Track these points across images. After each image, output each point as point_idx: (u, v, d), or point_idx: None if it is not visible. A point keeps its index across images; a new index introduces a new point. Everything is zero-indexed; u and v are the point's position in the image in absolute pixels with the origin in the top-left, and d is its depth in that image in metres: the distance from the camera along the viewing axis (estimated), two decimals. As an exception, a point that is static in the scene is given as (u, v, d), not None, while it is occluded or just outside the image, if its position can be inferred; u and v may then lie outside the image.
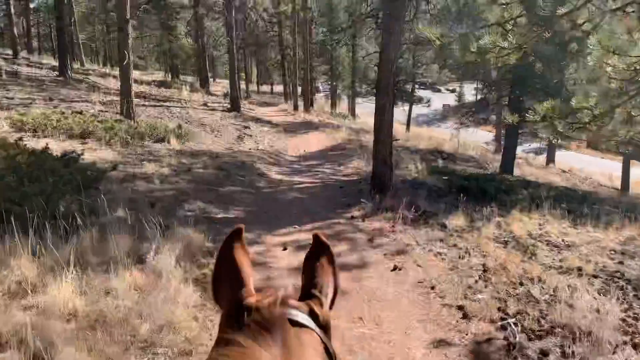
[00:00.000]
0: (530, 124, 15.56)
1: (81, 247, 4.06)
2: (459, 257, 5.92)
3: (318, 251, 0.82)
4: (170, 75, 35.85)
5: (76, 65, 27.87)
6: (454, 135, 26.34)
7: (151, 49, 43.38)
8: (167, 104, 17.18)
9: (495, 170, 15.93)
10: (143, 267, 3.93)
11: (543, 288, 5.17)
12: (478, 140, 46.47)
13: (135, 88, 22.26)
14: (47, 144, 6.77)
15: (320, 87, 61.90)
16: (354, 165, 12.17)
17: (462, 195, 9.62)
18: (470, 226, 7.57)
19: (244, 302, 0.71)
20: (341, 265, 5.37)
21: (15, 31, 22.20)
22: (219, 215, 6.34)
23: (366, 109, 46.72)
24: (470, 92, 75.63)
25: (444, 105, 63.78)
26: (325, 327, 0.74)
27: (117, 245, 4.17)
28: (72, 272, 3.53)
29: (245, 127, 15.62)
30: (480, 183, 11.68)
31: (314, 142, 16.10)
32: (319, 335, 0.71)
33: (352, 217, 7.13)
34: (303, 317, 0.70)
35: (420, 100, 38.48)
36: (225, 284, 0.76)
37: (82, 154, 7.17)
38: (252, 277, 0.77)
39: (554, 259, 6.51)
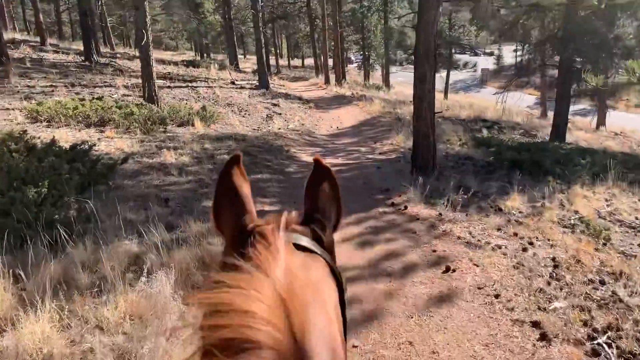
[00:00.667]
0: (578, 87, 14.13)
1: (71, 263, 3.41)
2: (522, 250, 5.01)
3: (319, 176, 0.80)
4: (199, 55, 35.32)
5: (105, 50, 27.75)
6: (499, 102, 24.77)
7: (180, 29, 42.76)
8: (194, 84, 16.57)
9: (545, 137, 14.59)
10: (144, 288, 3.24)
11: (630, 286, 4.25)
12: (520, 105, 44.14)
13: (162, 69, 21.86)
14: (54, 137, 6.20)
15: (353, 58, 60.29)
16: (392, 142, 11.23)
17: (514, 170, 8.64)
18: (530, 208, 6.61)
19: (247, 227, 0.70)
20: (379, 269, 4.57)
21: (42, 18, 21.97)
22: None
23: (400, 79, 45.01)
24: (509, 54, 72.05)
25: (482, 69, 60.93)
26: (329, 250, 0.75)
27: (115, 258, 3.51)
28: (53, 301, 2.88)
29: (275, 105, 14.84)
30: (533, 154, 10.53)
31: (347, 117, 15.17)
32: (324, 259, 0.71)
33: (393, 205, 6.27)
34: (307, 241, 0.70)
35: (465, 65, 36.43)
36: (226, 211, 0.75)
37: (94, 145, 6.59)
38: (252, 204, 0.76)
39: (631, 245, 5.53)
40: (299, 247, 0.68)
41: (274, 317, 0.54)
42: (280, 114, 13.92)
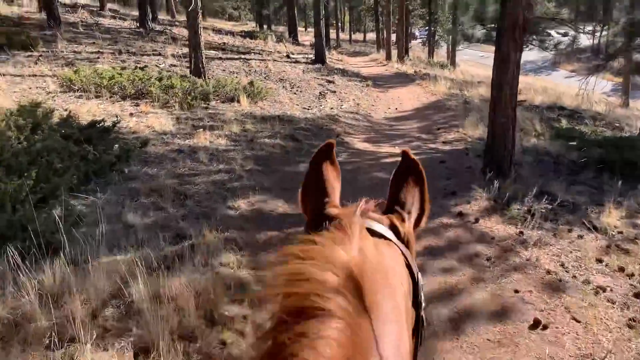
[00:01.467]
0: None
1: (39, 289, 2.59)
2: (634, 295, 3.76)
3: (407, 168, 0.80)
4: (258, 26, 34.52)
5: (164, 17, 27.51)
6: (580, 88, 22.31)
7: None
8: (247, 56, 15.73)
9: (632, 132, 12.62)
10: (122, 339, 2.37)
11: None
12: (599, 91, 40.42)
13: (218, 39, 21.20)
14: (69, 111, 5.47)
15: (417, 34, 57.65)
16: (458, 130, 9.87)
17: (603, 172, 7.20)
18: (632, 226, 5.26)
19: (325, 210, 0.73)
20: (441, 315, 3.32)
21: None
22: (278, 211, 4.68)
23: (466, 57, 42.25)
24: (583, 35, 66.34)
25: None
26: (406, 243, 0.73)
27: (90, 288, 2.66)
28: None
29: (329, 82, 13.72)
30: (624, 151, 8.90)
31: (408, 98, 13.82)
32: (399, 248, 0.70)
33: (460, 215, 5.10)
34: (382, 228, 0.70)
35: (556, 45, 33.62)
36: (311, 195, 0.78)
37: (118, 122, 5.82)
38: (337, 191, 0.78)
39: None
40: (374, 234, 0.68)
41: (345, 288, 0.55)
42: (334, 91, 12.80)
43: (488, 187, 5.69)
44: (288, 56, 16.61)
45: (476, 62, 51.14)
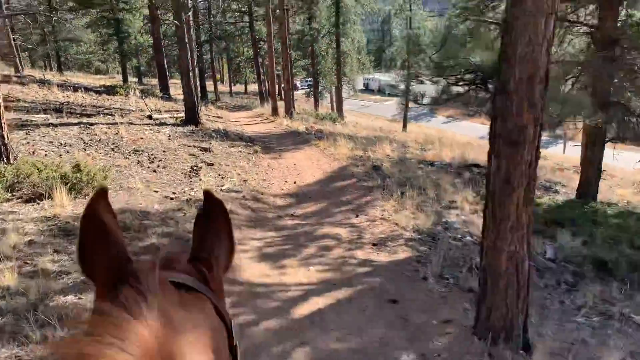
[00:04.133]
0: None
1: None
2: None
3: (210, 209, 0.73)
4: (123, 79, 30.31)
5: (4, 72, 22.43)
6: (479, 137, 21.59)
7: (111, 50, 37.24)
8: (93, 119, 11.98)
9: (567, 193, 11.21)
10: None
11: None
12: (468, 135, 42.14)
13: (62, 97, 17.03)
14: None
15: (298, 84, 57.11)
16: (383, 214, 7.27)
17: (607, 279, 5.01)
18: None
19: (119, 267, 0.62)
20: None
21: None
22: None
23: (348, 106, 41.83)
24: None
25: (432, 98, 59.57)
26: (216, 290, 0.68)
27: None
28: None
29: (205, 150, 10.51)
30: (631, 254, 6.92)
31: (307, 165, 11.12)
32: (208, 297, 0.64)
33: None
34: (187, 279, 0.63)
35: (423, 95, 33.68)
36: (94, 253, 0.65)
37: None
38: (125, 244, 0.66)
39: None
40: (179, 286, 0.61)
41: None
42: (211, 164, 9.62)
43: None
44: (150, 117, 13.12)
45: (358, 112, 51.69)
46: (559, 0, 2.72)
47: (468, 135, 38.51)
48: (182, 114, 13.91)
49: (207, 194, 0.73)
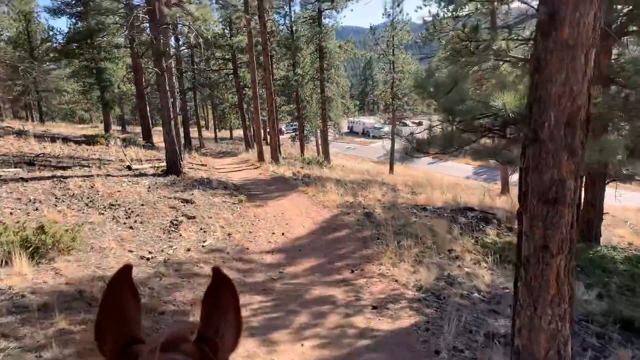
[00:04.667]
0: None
1: None
2: None
3: (218, 286, 0.72)
4: (104, 128, 29.81)
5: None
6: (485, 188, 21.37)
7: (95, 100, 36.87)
8: (68, 172, 11.35)
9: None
10: None
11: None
12: (471, 178, 42.12)
13: (39, 148, 16.41)
14: None
15: (284, 129, 57.27)
16: (380, 269, 6.67)
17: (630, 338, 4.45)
18: None
19: (128, 348, 0.65)
20: None
21: None
22: None
23: (334, 149, 41.70)
24: (437, 122, 72.83)
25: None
26: None
27: None
28: None
29: (186, 202, 9.90)
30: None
31: (295, 214, 10.54)
32: None
33: None
34: None
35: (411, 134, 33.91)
36: (109, 330, 0.67)
37: None
38: (140, 322, 0.69)
39: None
40: None
41: None
42: (193, 217, 8.99)
43: None
44: (129, 167, 12.53)
45: (344, 155, 51.73)
46: (600, 30, 2.28)
47: (454, 176, 38.52)
48: (164, 163, 13.35)
49: (216, 270, 0.73)
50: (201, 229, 8.48)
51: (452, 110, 3.69)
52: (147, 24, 11.19)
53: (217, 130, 44.46)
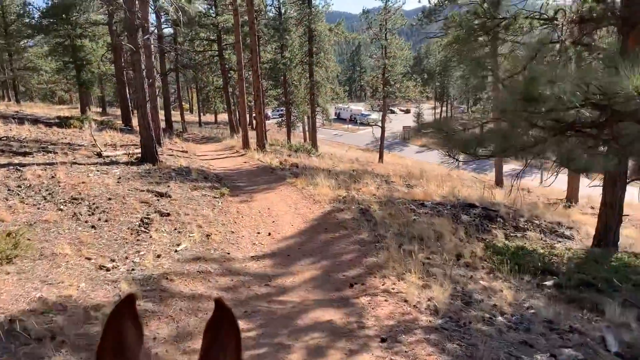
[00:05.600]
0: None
1: None
2: None
3: (220, 319, 0.71)
4: (80, 109, 28.22)
5: None
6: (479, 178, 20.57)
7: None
8: (30, 159, 10.12)
9: (579, 239, 9.91)
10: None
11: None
12: (458, 167, 41.33)
13: (7, 131, 15.05)
14: None
15: (269, 114, 55.92)
16: (386, 282, 5.70)
17: None
18: None
19: None
20: None
21: None
22: None
23: (321, 136, 40.57)
24: (428, 111, 72.27)
25: (403, 127, 59.43)
26: None
27: None
28: None
29: (160, 196, 8.78)
30: None
31: (284, 210, 9.51)
32: None
33: None
34: None
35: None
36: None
37: None
38: (139, 357, 0.68)
39: None
40: None
41: None
42: (167, 214, 7.89)
43: None
44: (100, 154, 11.32)
45: (332, 142, 50.72)
46: None
47: (444, 165, 37.83)
48: (140, 150, 12.14)
49: (218, 302, 0.71)
50: (176, 228, 7.40)
51: (529, 98, 2.67)
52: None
53: (201, 114, 42.95)
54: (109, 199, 8.10)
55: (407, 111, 70.63)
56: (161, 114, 28.49)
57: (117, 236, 6.72)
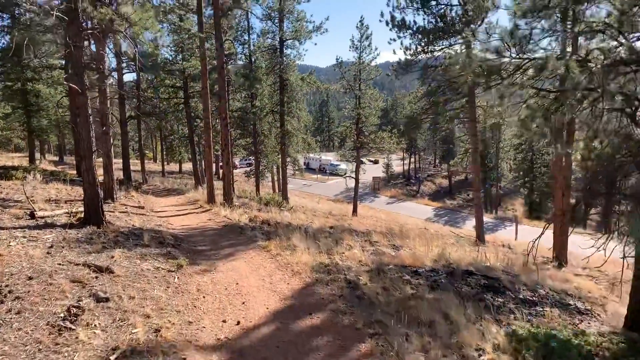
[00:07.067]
0: None
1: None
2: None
3: None
4: (29, 158, 25.93)
5: None
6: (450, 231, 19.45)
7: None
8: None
9: (601, 317, 8.55)
10: None
11: None
12: (435, 221, 40.47)
13: None
14: None
15: (237, 163, 54.35)
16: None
17: None
18: None
19: None
20: None
21: None
22: None
23: (290, 186, 39.19)
24: (396, 161, 72.23)
25: (373, 178, 58.89)
26: None
27: None
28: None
29: (99, 272, 6.95)
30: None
31: (255, 284, 7.81)
32: None
33: None
34: None
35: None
36: None
37: None
38: None
39: None
40: None
41: None
42: (106, 299, 6.08)
43: None
44: (33, 215, 9.42)
45: (301, 191, 49.37)
46: None
47: (417, 217, 36.92)
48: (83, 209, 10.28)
49: None
50: (115, 321, 5.59)
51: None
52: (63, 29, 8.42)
53: (164, 163, 40.99)
54: (30, 278, 6.25)
55: (376, 162, 70.65)
56: (120, 164, 26.51)
57: (30, 338, 4.89)
